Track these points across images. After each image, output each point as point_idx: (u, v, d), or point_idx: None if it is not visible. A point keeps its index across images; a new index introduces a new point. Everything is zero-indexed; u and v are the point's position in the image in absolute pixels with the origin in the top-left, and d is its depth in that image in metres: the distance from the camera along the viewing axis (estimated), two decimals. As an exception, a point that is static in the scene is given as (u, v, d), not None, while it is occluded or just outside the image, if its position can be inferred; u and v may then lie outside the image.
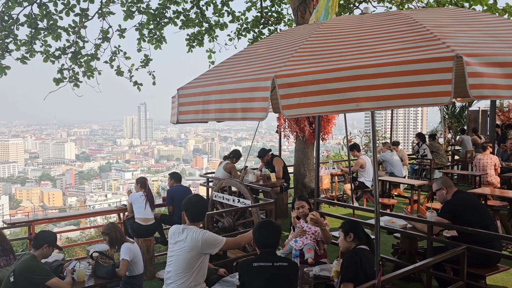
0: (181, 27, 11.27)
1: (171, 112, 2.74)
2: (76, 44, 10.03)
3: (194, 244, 3.52)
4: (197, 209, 3.70)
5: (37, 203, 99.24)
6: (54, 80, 10.00)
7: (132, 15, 10.44)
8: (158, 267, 6.60)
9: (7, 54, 9.55)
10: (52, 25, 9.52)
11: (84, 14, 9.59)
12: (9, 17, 9.25)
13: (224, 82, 2.20)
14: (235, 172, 7.98)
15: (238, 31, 11.93)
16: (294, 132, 8.58)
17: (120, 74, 10.73)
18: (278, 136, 9.16)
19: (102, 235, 4.74)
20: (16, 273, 3.92)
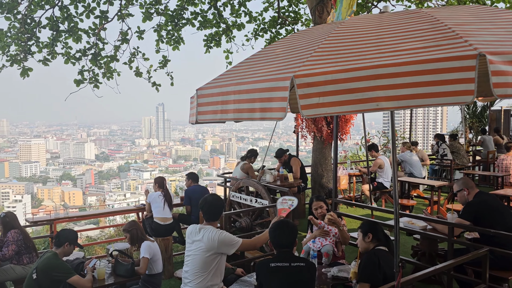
0: (198, 28, 11.33)
1: (189, 112, 2.75)
2: (96, 46, 10.18)
3: (211, 244, 3.54)
4: (213, 209, 3.72)
5: (58, 202, 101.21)
6: (75, 81, 10.17)
7: (151, 17, 10.55)
8: (176, 266, 6.65)
9: (30, 56, 9.76)
10: (73, 27, 9.68)
11: (103, 16, 9.74)
12: (31, 20, 9.45)
13: (242, 82, 2.20)
14: (252, 172, 7.99)
15: (255, 32, 11.93)
16: (311, 132, 8.54)
17: (139, 75, 10.86)
18: (296, 136, 9.13)
19: (123, 233, 4.81)
20: (38, 270, 4.01)
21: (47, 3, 9.40)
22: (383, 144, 14.01)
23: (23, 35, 9.36)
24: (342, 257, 4.55)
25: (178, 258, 7.16)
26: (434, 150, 11.10)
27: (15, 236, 5.11)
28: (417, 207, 8.56)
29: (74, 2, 9.50)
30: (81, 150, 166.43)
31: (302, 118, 8.53)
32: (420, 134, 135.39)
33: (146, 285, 4.69)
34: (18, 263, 5.19)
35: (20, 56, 9.55)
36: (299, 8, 11.90)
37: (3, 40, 9.09)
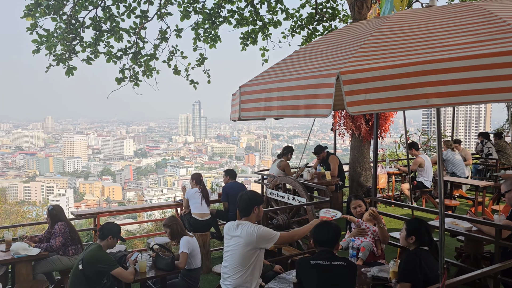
0: (235, 26, 11.38)
1: (231, 109, 2.77)
2: (136, 44, 10.43)
3: (249, 238, 3.57)
4: (249, 205, 3.74)
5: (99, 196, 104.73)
6: (116, 79, 10.46)
7: (189, 15, 10.69)
8: (214, 261, 6.74)
9: (74, 55, 10.11)
10: (115, 27, 9.95)
11: (144, 16, 9.96)
12: (76, 21, 9.78)
13: (286, 79, 2.19)
14: (289, 169, 7.97)
15: (292, 29, 11.87)
16: (349, 130, 8.42)
17: (177, 73, 11.04)
18: (333, 134, 9.02)
19: (163, 228, 4.91)
20: (84, 261, 4.17)
21: (91, 4, 9.71)
22: (423, 143, 13.63)
23: (68, 35, 9.71)
24: (381, 257, 4.47)
25: (215, 254, 7.25)
26: (478, 149, 10.68)
27: (62, 228, 5.33)
28: (460, 208, 8.28)
29: (116, 3, 9.76)
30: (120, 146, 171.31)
31: (340, 115, 8.43)
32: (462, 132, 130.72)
33: (185, 279, 4.77)
34: (64, 254, 5.41)
35: (66, 55, 9.92)
36: (337, 4, 11.74)
37: (50, 40, 9.47)
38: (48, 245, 5.28)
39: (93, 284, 4.23)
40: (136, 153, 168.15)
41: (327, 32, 11.62)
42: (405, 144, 7.53)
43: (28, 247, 5.19)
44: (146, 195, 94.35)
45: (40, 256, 5.19)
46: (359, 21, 3.26)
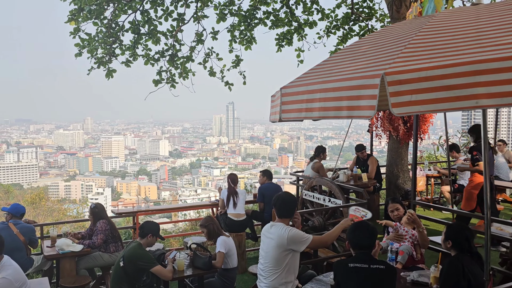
0: (270, 27, 11.39)
1: (270, 110, 2.78)
2: (173, 47, 10.63)
3: (280, 240, 3.57)
4: (285, 206, 3.74)
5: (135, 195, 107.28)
6: (154, 81, 10.70)
7: (225, 18, 10.80)
8: (249, 261, 6.77)
9: (114, 58, 10.42)
10: (153, 30, 10.18)
11: (181, 19, 10.14)
12: (116, 25, 10.08)
13: (328, 81, 2.19)
14: (323, 171, 7.89)
15: (327, 29, 11.75)
16: (387, 131, 8.26)
17: (213, 75, 11.16)
18: (370, 135, 8.88)
19: (200, 228, 4.98)
20: (125, 259, 4.29)
21: (130, 8, 9.98)
22: (464, 145, 13.18)
23: (108, 38, 10.01)
24: (421, 261, 4.36)
25: (250, 254, 7.28)
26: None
27: (103, 226, 5.50)
28: (504, 213, 7.96)
29: (154, 6, 9.99)
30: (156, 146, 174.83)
31: (377, 116, 8.28)
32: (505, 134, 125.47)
33: (222, 278, 4.82)
34: (105, 251, 5.59)
35: (106, 58, 10.24)
36: (374, 3, 11.54)
37: (91, 44, 9.80)
38: (90, 242, 5.47)
39: (133, 280, 4.34)
40: (171, 153, 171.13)
41: (363, 32, 11.45)
42: (445, 146, 7.30)
43: (71, 243, 5.39)
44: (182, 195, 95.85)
45: (83, 252, 5.38)
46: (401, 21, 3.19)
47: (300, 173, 8.90)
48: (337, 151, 15.95)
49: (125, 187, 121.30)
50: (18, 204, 5.73)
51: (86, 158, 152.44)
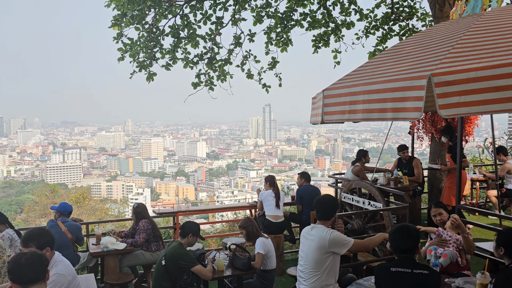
0: (307, 29, 11.35)
1: (311, 112, 2.78)
2: (212, 50, 10.79)
3: (321, 242, 3.56)
4: (326, 208, 3.73)
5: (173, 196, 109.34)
6: (192, 84, 10.89)
7: (261, 20, 10.85)
8: (287, 263, 6.77)
9: (154, 62, 10.70)
10: (192, 34, 10.37)
11: (219, 22, 10.28)
12: (156, 29, 10.35)
13: (372, 82, 2.16)
14: (363, 174, 7.77)
15: (366, 29, 11.57)
16: (429, 133, 8.03)
17: (250, 77, 11.24)
18: (411, 137, 8.66)
19: (239, 229, 5.03)
20: (166, 257, 4.39)
21: (170, 12, 10.22)
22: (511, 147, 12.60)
23: (149, 43, 10.30)
24: (466, 268, 4.22)
25: (288, 256, 7.27)
26: None
27: (145, 225, 5.66)
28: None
29: (193, 10, 10.18)
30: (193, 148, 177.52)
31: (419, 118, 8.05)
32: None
33: (260, 280, 4.85)
34: (147, 250, 5.74)
35: (147, 62, 10.53)
36: (414, 2, 11.26)
37: (133, 48, 10.10)
38: (133, 240, 5.64)
39: (175, 279, 4.44)
40: (209, 155, 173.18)
41: (404, 32, 11.19)
42: (491, 149, 7.02)
43: (115, 241, 5.58)
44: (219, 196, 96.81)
45: (126, 250, 5.55)
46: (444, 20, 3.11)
47: (338, 175, 8.80)
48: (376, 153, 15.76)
49: (163, 187, 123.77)
50: (66, 203, 5.98)
51: (126, 159, 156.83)
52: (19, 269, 2.51)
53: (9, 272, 2.53)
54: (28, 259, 2.56)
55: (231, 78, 11.15)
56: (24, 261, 2.54)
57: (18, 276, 2.51)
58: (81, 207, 21.37)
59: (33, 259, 2.57)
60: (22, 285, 2.51)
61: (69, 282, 3.30)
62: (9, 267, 2.55)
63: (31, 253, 2.63)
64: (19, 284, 2.51)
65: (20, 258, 2.56)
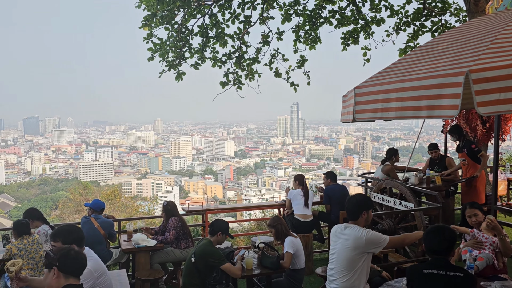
0: (336, 26, 11.22)
1: (342, 111, 2.74)
2: (240, 49, 10.83)
3: (357, 242, 3.51)
4: (358, 209, 3.67)
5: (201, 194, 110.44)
6: (221, 83, 10.97)
7: (290, 18, 10.81)
8: (316, 263, 6.72)
9: (183, 61, 10.83)
10: (220, 33, 10.44)
11: (247, 21, 10.30)
12: (185, 29, 10.47)
13: (405, 80, 2.11)
14: (394, 173, 7.61)
15: (397, 26, 11.33)
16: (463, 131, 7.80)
17: (278, 76, 11.22)
18: (444, 135, 8.43)
19: (268, 227, 5.02)
20: (196, 255, 4.44)
21: (199, 12, 10.32)
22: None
23: (178, 42, 10.43)
24: (503, 271, 4.07)
25: (317, 256, 7.22)
26: None
27: (175, 223, 5.74)
28: None
29: (221, 10, 10.24)
30: (221, 147, 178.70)
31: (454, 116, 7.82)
32: None
33: (289, 279, 4.84)
34: (177, 247, 5.82)
35: (176, 61, 10.67)
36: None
37: (163, 48, 10.26)
38: (163, 237, 5.73)
39: (204, 276, 4.48)
40: (236, 153, 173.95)
41: (436, 27, 10.90)
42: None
43: (146, 238, 5.68)
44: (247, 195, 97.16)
45: (156, 247, 5.65)
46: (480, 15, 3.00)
47: (369, 174, 8.67)
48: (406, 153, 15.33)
49: (192, 186, 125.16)
50: (99, 200, 6.13)
51: (156, 158, 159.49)
52: (67, 260, 2.74)
53: (57, 260, 2.73)
54: (77, 253, 2.82)
55: (259, 77, 11.17)
56: (73, 254, 2.79)
57: (66, 265, 2.72)
58: (112, 204, 21.86)
59: (80, 255, 2.84)
60: (65, 275, 2.71)
61: (96, 278, 3.42)
62: (59, 255, 2.75)
63: (79, 250, 2.94)
64: (64, 273, 2.71)
65: (69, 250, 2.81)
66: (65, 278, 2.70)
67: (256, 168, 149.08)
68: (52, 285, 2.70)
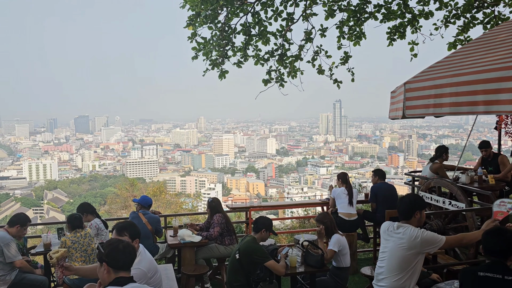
0: (382, 21, 10.91)
1: (390, 107, 2.67)
2: (282, 46, 10.79)
3: (413, 242, 3.41)
4: (410, 209, 3.56)
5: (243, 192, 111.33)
6: (263, 81, 10.94)
7: (333, 14, 10.62)
8: (360, 263, 6.61)
9: (226, 60, 10.93)
10: (263, 31, 10.43)
11: (290, 18, 10.23)
12: (228, 27, 10.55)
13: (460, 74, 2.02)
14: (443, 172, 7.32)
15: (446, 19, 10.87)
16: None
17: (321, 73, 11.05)
18: (497, 133, 8.02)
19: (316, 223, 4.98)
20: (240, 252, 4.48)
21: (242, 11, 10.36)
22: None
23: (221, 41, 10.53)
24: None
25: (361, 255, 7.10)
26: None
27: (219, 219, 5.82)
28: None
29: (264, 8, 10.24)
30: (263, 145, 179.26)
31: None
32: None
33: (334, 277, 4.78)
34: (221, 243, 5.90)
35: (219, 60, 10.78)
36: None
37: (206, 47, 10.40)
38: (207, 233, 5.82)
39: (248, 273, 4.52)
40: (278, 151, 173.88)
41: (488, 19, 10.38)
42: None
43: (191, 234, 5.79)
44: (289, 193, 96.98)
45: (201, 243, 5.75)
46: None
47: (416, 173, 8.40)
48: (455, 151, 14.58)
49: (234, 183, 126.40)
50: (146, 196, 6.32)
51: (199, 155, 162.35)
52: (116, 254, 2.75)
53: (106, 255, 2.76)
54: (125, 246, 2.80)
55: (301, 74, 11.07)
56: (122, 247, 2.78)
57: (114, 259, 2.74)
58: (157, 201, 22.46)
59: (129, 248, 2.82)
60: (115, 269, 2.73)
61: (149, 278, 3.49)
62: (107, 250, 2.77)
63: (127, 242, 2.88)
64: (113, 268, 2.74)
65: (118, 244, 2.80)
66: (115, 273, 2.73)
67: (298, 166, 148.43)
68: (105, 279, 2.76)
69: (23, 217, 5.42)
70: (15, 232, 5.29)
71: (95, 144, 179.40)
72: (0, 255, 5.04)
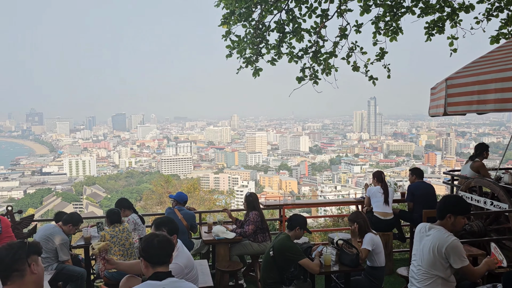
0: (419, 15, 10.61)
1: (430, 104, 2.59)
2: (316, 43, 10.68)
3: (439, 245, 3.28)
4: (442, 209, 3.43)
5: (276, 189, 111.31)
6: (297, 78, 10.88)
7: (369, 9, 10.43)
8: (396, 263, 6.49)
9: (260, 58, 10.93)
10: (297, 28, 10.36)
11: (324, 15, 10.12)
12: (262, 25, 10.55)
13: (506, 69, 1.94)
14: (485, 170, 7.05)
15: (488, 12, 10.46)
16: None
17: (356, 70, 10.87)
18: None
19: (349, 222, 4.93)
20: (274, 249, 4.49)
21: (276, 8, 10.33)
22: None
23: (255, 39, 10.54)
24: None
25: (397, 256, 6.96)
26: None
27: (255, 217, 5.86)
28: None
29: (298, 5, 10.17)
30: (296, 142, 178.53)
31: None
32: None
33: (369, 277, 4.72)
34: (254, 240, 5.94)
35: (253, 58, 10.81)
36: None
37: (240, 45, 10.45)
38: (242, 230, 5.87)
39: (282, 271, 4.52)
40: (311, 149, 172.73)
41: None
42: None
43: (226, 230, 5.85)
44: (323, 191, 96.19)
45: (235, 240, 5.80)
46: None
47: (455, 172, 8.14)
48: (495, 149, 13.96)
49: (267, 180, 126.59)
50: (182, 192, 6.43)
51: (232, 153, 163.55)
52: (151, 249, 2.76)
53: (142, 250, 2.80)
54: (160, 241, 2.80)
55: (336, 71, 10.93)
56: (156, 242, 2.79)
57: (150, 255, 2.76)
58: (191, 197, 22.80)
59: (163, 243, 2.81)
60: (151, 264, 2.76)
61: (185, 274, 3.54)
62: (142, 246, 2.81)
63: (163, 236, 2.88)
64: (150, 263, 2.76)
65: (153, 239, 2.81)
66: (153, 268, 2.75)
67: (331, 164, 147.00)
68: (145, 274, 2.83)
69: (76, 217, 5.68)
70: (67, 230, 5.55)
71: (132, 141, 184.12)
72: (49, 251, 5.26)
